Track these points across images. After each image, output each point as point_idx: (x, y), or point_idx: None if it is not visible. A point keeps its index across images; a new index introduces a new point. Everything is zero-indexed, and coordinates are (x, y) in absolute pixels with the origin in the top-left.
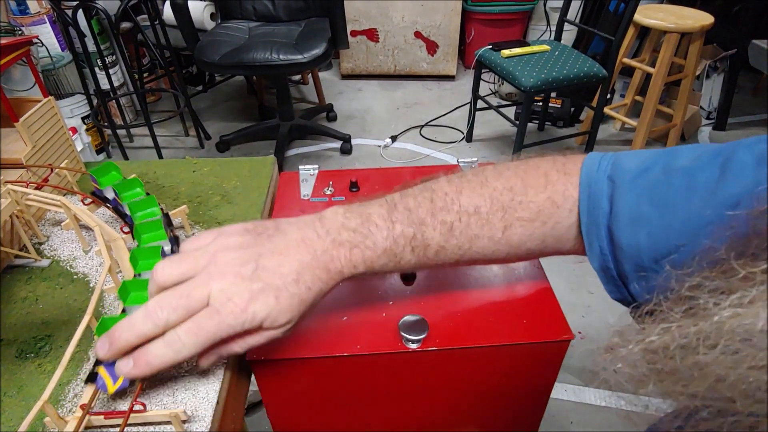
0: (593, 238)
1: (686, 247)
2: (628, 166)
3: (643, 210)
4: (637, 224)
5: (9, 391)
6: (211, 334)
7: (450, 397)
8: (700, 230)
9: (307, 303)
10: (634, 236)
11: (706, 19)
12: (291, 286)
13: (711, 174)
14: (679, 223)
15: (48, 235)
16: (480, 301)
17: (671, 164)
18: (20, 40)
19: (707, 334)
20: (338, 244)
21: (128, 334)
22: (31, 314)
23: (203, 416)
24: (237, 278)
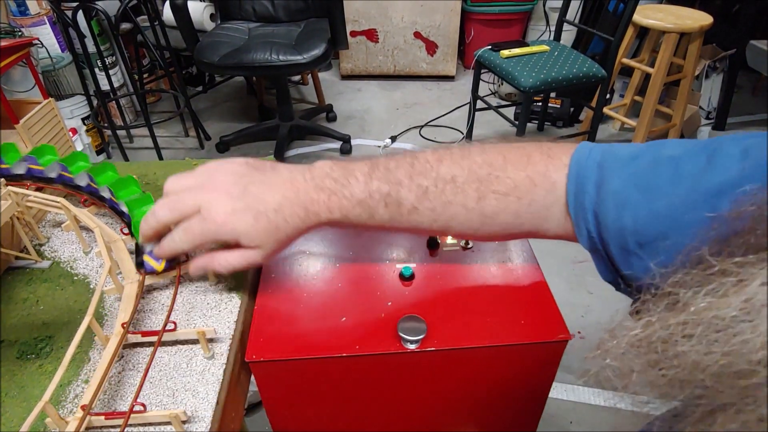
0: (581, 220)
1: (671, 235)
2: (618, 154)
3: (629, 194)
4: (623, 208)
5: (10, 391)
6: (197, 236)
7: (448, 398)
8: (684, 217)
9: (282, 233)
10: (619, 219)
11: (705, 19)
12: (270, 213)
13: (697, 163)
14: (664, 209)
15: (48, 236)
16: (478, 302)
17: (660, 153)
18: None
19: (685, 324)
20: (320, 189)
21: (144, 226)
22: (32, 315)
23: (203, 417)
24: (225, 195)
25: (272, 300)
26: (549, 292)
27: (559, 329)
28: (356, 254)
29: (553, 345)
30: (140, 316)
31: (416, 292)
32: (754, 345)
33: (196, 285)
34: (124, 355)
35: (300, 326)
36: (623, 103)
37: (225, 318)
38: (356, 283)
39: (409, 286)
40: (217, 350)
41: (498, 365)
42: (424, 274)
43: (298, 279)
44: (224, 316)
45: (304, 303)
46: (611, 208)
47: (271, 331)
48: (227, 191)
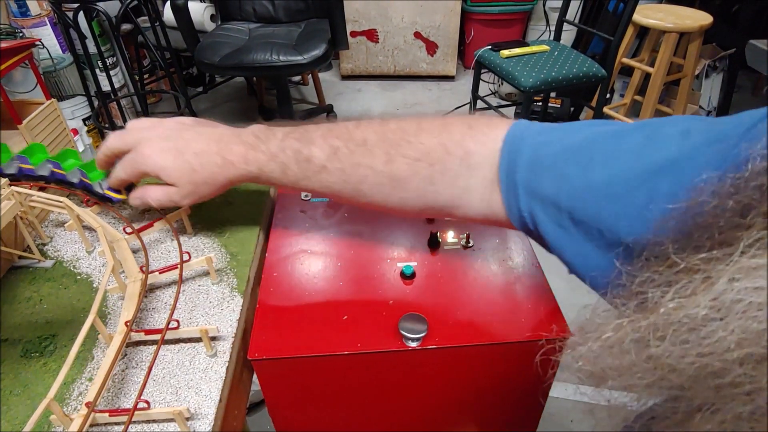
0: (512, 197)
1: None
2: (555, 131)
3: (565, 169)
4: (559, 182)
5: (15, 389)
6: (130, 166)
7: (449, 396)
8: (621, 192)
9: (198, 176)
10: (554, 194)
11: (705, 19)
12: (190, 155)
13: (636, 140)
14: (601, 184)
15: (51, 236)
16: (479, 300)
17: (598, 130)
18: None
19: (656, 326)
20: (241, 143)
21: (99, 155)
22: (36, 314)
23: (206, 414)
24: (156, 137)
25: (274, 298)
26: (549, 290)
27: (560, 327)
28: (357, 253)
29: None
30: (143, 314)
31: (417, 290)
32: (728, 344)
33: (198, 284)
34: (127, 353)
35: (302, 324)
36: (623, 103)
37: (227, 316)
38: (358, 281)
39: (410, 284)
40: (220, 348)
41: (499, 363)
42: (425, 272)
43: (299, 277)
44: (226, 315)
45: (306, 301)
46: (546, 183)
47: (273, 329)
48: (165, 134)
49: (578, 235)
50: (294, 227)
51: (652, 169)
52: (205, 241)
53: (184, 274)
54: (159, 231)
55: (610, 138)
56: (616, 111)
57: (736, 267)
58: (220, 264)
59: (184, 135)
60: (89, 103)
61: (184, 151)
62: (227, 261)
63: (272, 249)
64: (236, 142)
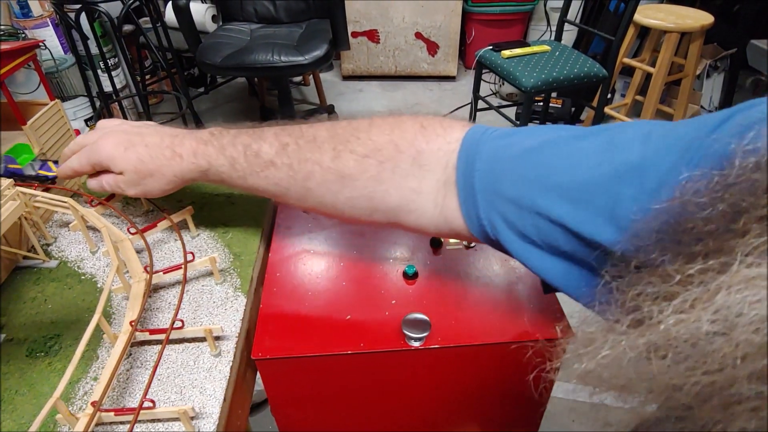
0: (470, 205)
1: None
2: (515, 135)
3: (526, 173)
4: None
5: (20, 389)
6: (85, 157)
7: (452, 395)
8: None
9: (145, 166)
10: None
11: (706, 19)
12: (141, 146)
13: (596, 145)
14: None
15: (55, 236)
16: (481, 300)
17: (560, 134)
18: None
19: (657, 344)
20: (194, 138)
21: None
22: (41, 314)
23: (210, 413)
24: (115, 132)
25: (277, 298)
26: None
27: (562, 327)
28: (360, 253)
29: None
30: (147, 314)
31: (420, 290)
32: (733, 360)
33: (202, 284)
34: (131, 353)
35: (305, 324)
36: (624, 103)
37: (231, 316)
38: (360, 281)
39: (412, 284)
40: (224, 348)
41: (501, 363)
42: (428, 272)
43: (302, 277)
44: (230, 314)
45: (309, 301)
46: (505, 186)
47: (277, 328)
48: (125, 129)
49: (541, 244)
50: (297, 227)
51: (614, 174)
52: (208, 242)
53: (188, 274)
54: (162, 231)
55: (571, 142)
56: (618, 111)
57: (736, 278)
58: (223, 264)
59: (142, 130)
60: (91, 103)
61: (137, 143)
62: (230, 261)
63: (275, 249)
64: (189, 138)
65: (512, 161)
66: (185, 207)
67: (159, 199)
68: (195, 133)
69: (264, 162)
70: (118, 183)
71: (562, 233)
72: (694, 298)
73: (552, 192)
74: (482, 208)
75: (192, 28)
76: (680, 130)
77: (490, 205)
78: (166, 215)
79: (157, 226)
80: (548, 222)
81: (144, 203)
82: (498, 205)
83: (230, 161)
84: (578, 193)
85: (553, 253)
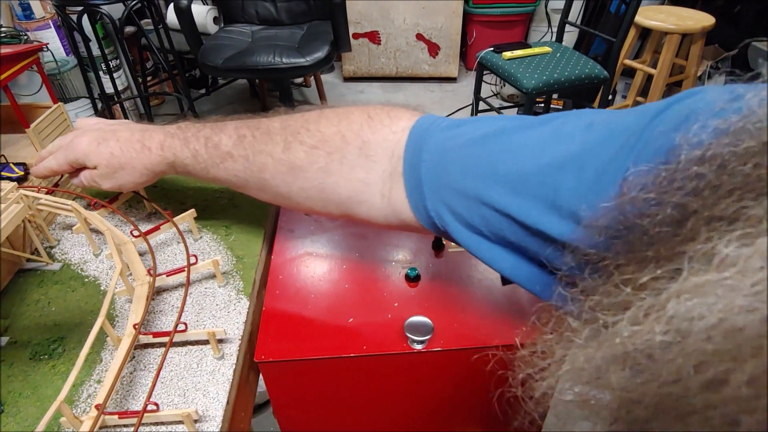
0: (416, 195)
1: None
2: (462, 125)
3: (472, 163)
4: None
5: (24, 391)
6: (62, 156)
7: (454, 397)
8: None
9: (116, 159)
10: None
11: (707, 20)
12: (112, 141)
13: (542, 134)
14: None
15: (59, 239)
16: (484, 303)
17: (505, 124)
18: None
19: (615, 357)
20: (162, 132)
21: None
22: (44, 316)
23: (214, 416)
24: (89, 130)
25: (280, 301)
26: None
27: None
28: (362, 256)
29: None
30: (150, 317)
31: (422, 293)
32: (687, 369)
33: (205, 286)
34: (135, 356)
35: (308, 327)
36: (625, 104)
37: (234, 319)
38: (363, 284)
39: (415, 287)
40: (227, 351)
41: (504, 366)
42: (430, 275)
43: (305, 280)
44: (233, 317)
45: (312, 304)
46: (452, 176)
47: (279, 331)
48: (100, 127)
49: (488, 234)
50: (299, 230)
51: (556, 163)
52: (210, 244)
53: (191, 277)
54: (165, 234)
55: (517, 132)
56: None
57: (685, 286)
58: (226, 267)
59: (115, 128)
60: (93, 105)
61: (109, 138)
62: (233, 264)
63: (277, 252)
64: (159, 132)
65: (459, 151)
66: (188, 210)
67: (162, 201)
68: (164, 128)
69: (223, 154)
70: (93, 177)
71: (507, 223)
72: (647, 308)
73: (497, 182)
74: (429, 199)
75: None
76: (622, 119)
77: (436, 196)
78: (169, 218)
79: (160, 228)
80: (494, 212)
81: (147, 206)
82: (444, 195)
83: (193, 153)
84: (521, 183)
85: (501, 244)
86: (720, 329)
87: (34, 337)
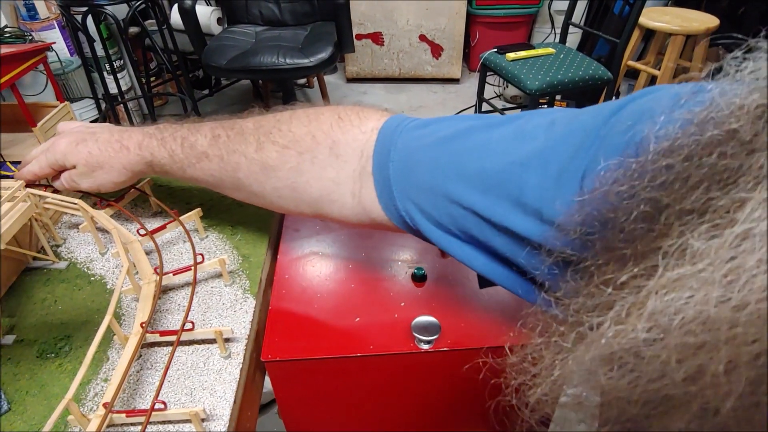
0: (386, 196)
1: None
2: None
3: (440, 163)
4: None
5: (31, 390)
6: (44, 159)
7: (461, 397)
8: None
9: (94, 158)
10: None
11: (712, 22)
12: (91, 141)
13: (507, 132)
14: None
15: (65, 237)
16: (491, 302)
17: (472, 123)
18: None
19: (601, 357)
20: (141, 132)
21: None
22: (51, 315)
23: (221, 415)
24: (69, 132)
25: (286, 300)
26: None
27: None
28: (368, 255)
29: None
30: (156, 316)
31: (429, 292)
32: (670, 365)
33: (211, 285)
34: (141, 354)
35: (314, 326)
36: None
37: (240, 318)
38: (369, 283)
39: (421, 286)
40: (234, 350)
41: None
42: (436, 275)
43: (311, 280)
44: (239, 316)
45: (318, 303)
46: (420, 176)
47: (286, 331)
48: (82, 130)
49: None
50: (304, 229)
51: (520, 161)
52: (216, 243)
53: (198, 276)
54: (171, 233)
55: (483, 131)
56: None
57: (662, 281)
58: (232, 266)
59: (95, 130)
60: (97, 105)
61: (88, 139)
62: (239, 263)
63: (283, 251)
64: (138, 132)
65: (426, 150)
66: (194, 209)
67: (168, 200)
68: (143, 128)
69: (198, 154)
70: (72, 177)
71: (475, 221)
72: (629, 306)
73: (463, 180)
74: (398, 199)
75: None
76: (581, 117)
77: (405, 195)
78: (176, 217)
79: (166, 227)
80: (461, 209)
81: (153, 205)
82: (413, 194)
83: (170, 153)
84: (487, 180)
85: (472, 243)
86: (697, 322)
87: (40, 335)
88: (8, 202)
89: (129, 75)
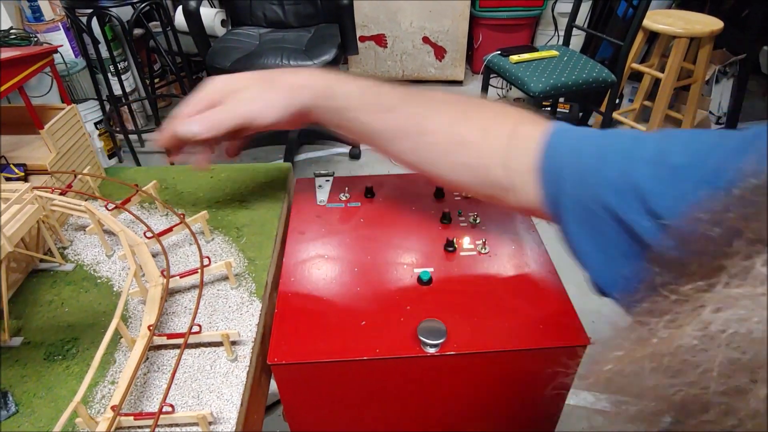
0: (559, 207)
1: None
2: (594, 140)
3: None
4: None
5: (38, 392)
6: (195, 97)
7: (467, 401)
8: None
9: (268, 73)
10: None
11: (715, 24)
12: (265, 83)
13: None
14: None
15: (71, 239)
16: (497, 306)
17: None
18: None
19: (652, 357)
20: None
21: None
22: (57, 317)
23: (228, 418)
24: (251, 81)
25: (292, 304)
26: (567, 296)
27: (578, 334)
28: (374, 258)
29: (571, 350)
30: (163, 318)
31: (435, 296)
32: (712, 376)
33: (217, 288)
34: (149, 357)
35: (320, 329)
36: (632, 108)
37: (246, 321)
38: (375, 287)
39: (427, 290)
40: (240, 353)
41: (517, 370)
42: (442, 278)
43: (317, 282)
44: (246, 319)
45: (324, 306)
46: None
47: (292, 334)
48: (256, 76)
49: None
50: (310, 232)
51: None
52: (222, 246)
53: (204, 279)
54: (177, 236)
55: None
56: (626, 116)
57: (720, 296)
58: (238, 269)
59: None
60: (101, 107)
61: (268, 79)
62: (245, 266)
63: (289, 254)
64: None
65: (591, 161)
66: (200, 212)
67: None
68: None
69: (387, 106)
70: (216, 112)
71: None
72: (684, 315)
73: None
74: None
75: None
76: (726, 140)
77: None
78: (182, 219)
79: (173, 230)
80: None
81: (159, 207)
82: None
83: (360, 90)
84: None
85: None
86: (746, 339)
87: (47, 337)
88: (16, 205)
89: (133, 76)
